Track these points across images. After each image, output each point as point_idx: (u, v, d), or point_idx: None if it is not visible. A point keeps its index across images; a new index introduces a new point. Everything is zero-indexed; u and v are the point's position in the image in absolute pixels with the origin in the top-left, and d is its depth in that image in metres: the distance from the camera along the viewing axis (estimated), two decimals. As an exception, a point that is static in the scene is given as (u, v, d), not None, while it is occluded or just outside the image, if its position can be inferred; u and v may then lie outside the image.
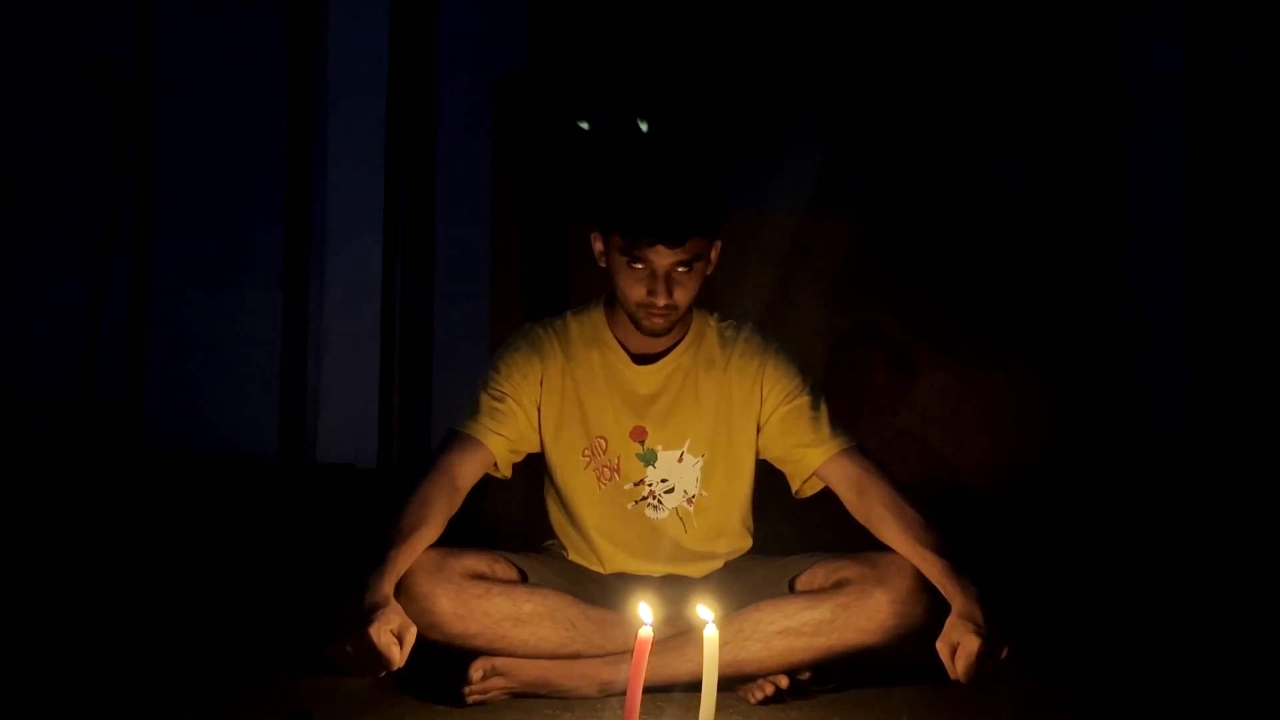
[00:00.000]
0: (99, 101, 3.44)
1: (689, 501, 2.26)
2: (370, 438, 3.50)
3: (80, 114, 3.45)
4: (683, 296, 2.14)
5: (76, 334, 3.33)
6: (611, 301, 2.26)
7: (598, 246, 2.19)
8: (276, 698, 2.07)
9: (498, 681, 2.06)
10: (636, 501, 2.26)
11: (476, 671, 2.04)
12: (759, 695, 2.06)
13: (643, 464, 2.25)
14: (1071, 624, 2.50)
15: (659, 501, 2.26)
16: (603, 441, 2.25)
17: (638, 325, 2.19)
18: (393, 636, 1.94)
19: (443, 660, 2.06)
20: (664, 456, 2.25)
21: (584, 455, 2.25)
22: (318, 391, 3.52)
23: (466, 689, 2.03)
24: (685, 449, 2.25)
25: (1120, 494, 3.26)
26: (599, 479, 2.26)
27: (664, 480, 2.25)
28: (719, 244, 2.19)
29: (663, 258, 2.10)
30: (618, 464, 2.25)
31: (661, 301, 2.13)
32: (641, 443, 2.25)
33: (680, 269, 2.12)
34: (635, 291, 2.14)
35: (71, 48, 3.45)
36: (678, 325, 2.22)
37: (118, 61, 3.46)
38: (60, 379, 3.31)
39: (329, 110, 3.54)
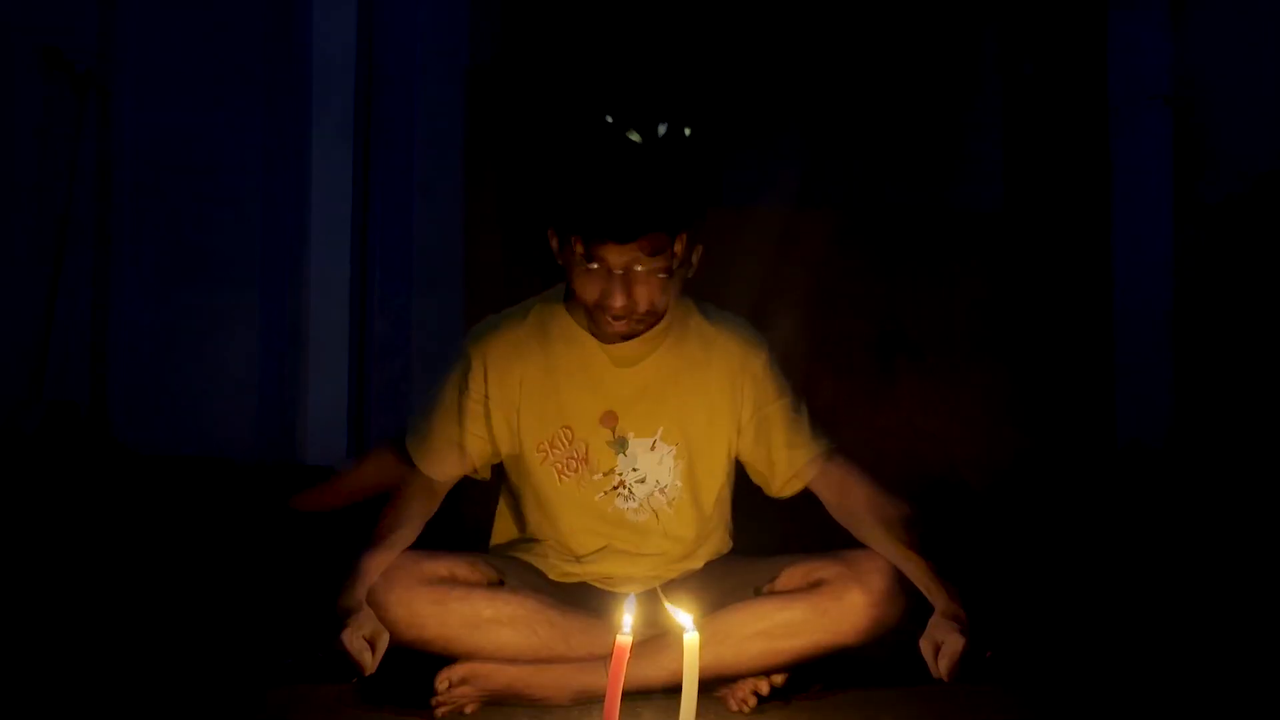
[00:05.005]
0: (53, 90, 3.37)
1: (662, 492, 2.21)
2: (348, 439, 3.48)
3: (35, 104, 3.38)
4: (644, 297, 2.06)
5: (36, 333, 3.27)
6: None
7: (554, 244, 2.10)
8: (250, 705, 2.05)
9: (475, 685, 2.03)
10: (606, 492, 2.20)
11: (455, 675, 2.01)
12: (738, 697, 2.04)
13: (614, 451, 2.19)
14: (1053, 628, 2.49)
15: (630, 492, 2.21)
16: (568, 431, 2.19)
17: (596, 331, 2.14)
18: (364, 642, 1.94)
19: (417, 666, 2.04)
20: (635, 444, 2.19)
21: (540, 450, 2.19)
22: (294, 392, 3.50)
23: (444, 688, 2.01)
24: (658, 437, 2.19)
25: (1101, 498, 3.26)
26: (560, 471, 2.19)
27: (635, 469, 2.20)
28: (699, 248, 2.11)
29: (617, 256, 2.02)
30: (585, 454, 2.19)
31: (618, 302, 2.05)
32: (612, 429, 2.19)
33: (639, 268, 2.03)
34: (589, 292, 2.07)
35: (27, 33, 3.37)
36: (653, 324, 2.16)
37: (78, 48, 3.39)
38: (16, 379, 3.26)
39: (304, 104, 3.51)
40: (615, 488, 2.20)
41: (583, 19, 3.68)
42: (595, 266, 2.04)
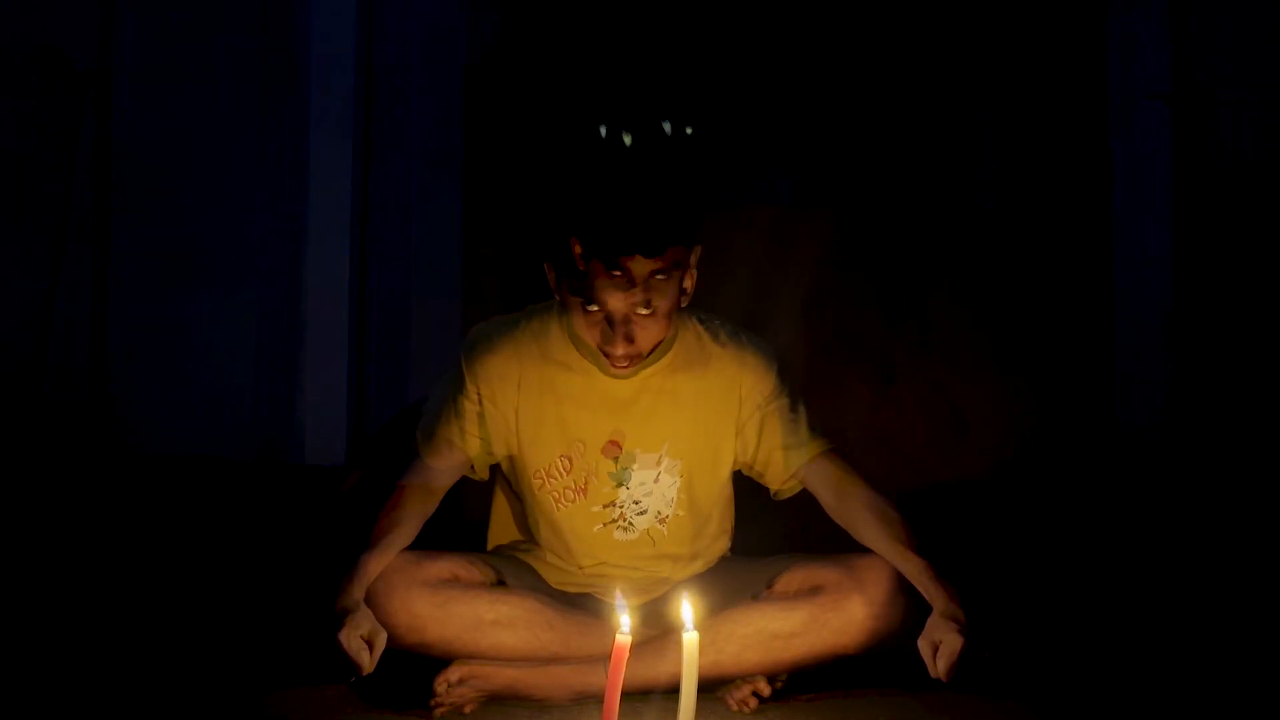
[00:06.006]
0: (53, 90, 3.36)
1: (661, 522, 2.21)
2: (346, 439, 3.47)
3: (35, 103, 3.38)
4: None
5: (35, 332, 3.27)
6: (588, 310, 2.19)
7: (576, 250, 2.04)
8: (247, 708, 2.05)
9: (473, 685, 2.02)
10: (605, 524, 2.20)
11: (454, 675, 2.01)
12: (737, 697, 2.03)
13: (615, 484, 2.19)
14: (1051, 627, 2.48)
15: (630, 524, 2.21)
16: (567, 461, 2.19)
17: (604, 358, 2.11)
18: (363, 642, 1.94)
19: (415, 667, 2.04)
20: (640, 471, 2.19)
21: (537, 477, 2.19)
22: (293, 392, 3.49)
23: (443, 690, 2.00)
24: (664, 452, 2.20)
25: (1100, 494, 3.25)
26: (557, 501, 2.20)
27: (637, 502, 2.20)
28: (699, 250, 2.09)
29: (641, 266, 2.00)
30: (584, 485, 2.19)
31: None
32: (615, 460, 2.18)
33: (659, 276, 2.02)
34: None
35: (27, 33, 3.36)
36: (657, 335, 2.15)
37: (78, 47, 3.38)
38: (16, 379, 3.26)
39: (302, 103, 3.50)
40: (614, 520, 2.21)
41: (581, 17, 3.67)
42: (619, 274, 2.01)
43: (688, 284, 2.10)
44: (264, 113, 3.52)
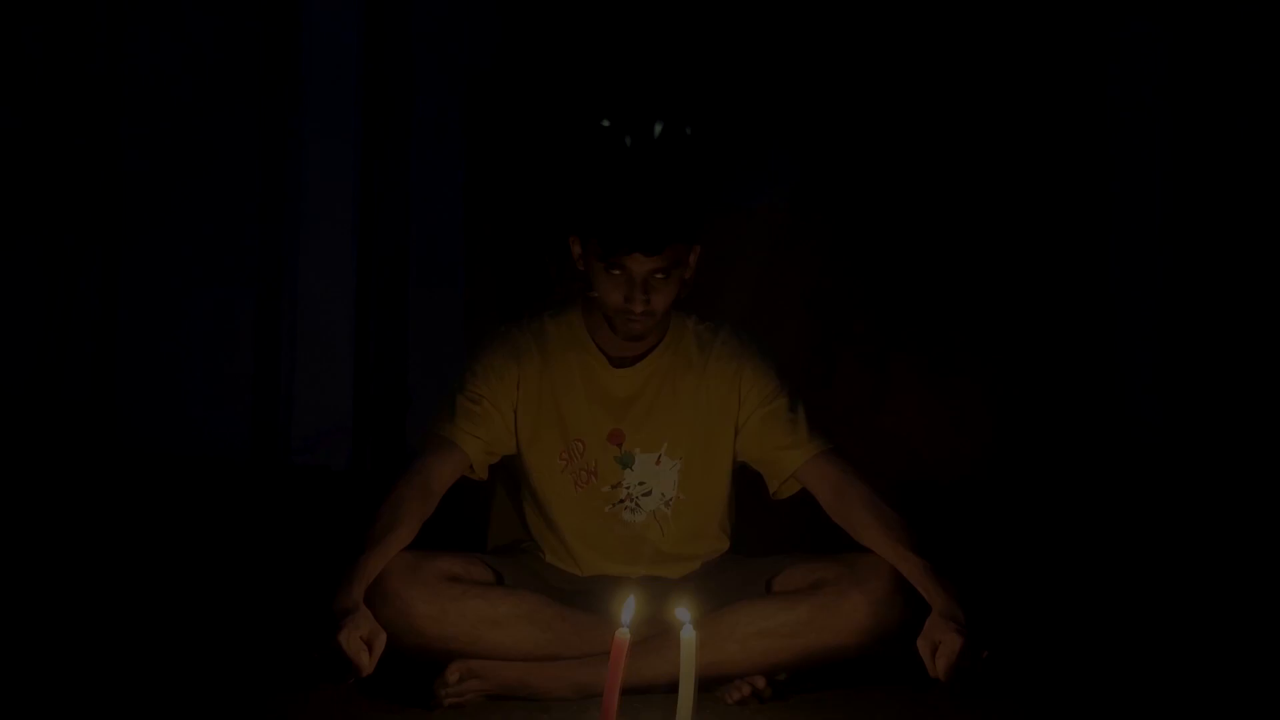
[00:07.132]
0: (54, 91, 3.38)
1: (667, 504, 2.24)
2: (345, 439, 3.48)
3: (37, 102, 3.39)
4: (660, 302, 2.12)
5: (38, 333, 3.29)
6: (589, 304, 2.23)
7: (575, 250, 2.15)
8: (245, 708, 2.05)
9: (473, 684, 2.03)
10: (614, 505, 2.23)
11: (453, 674, 2.02)
12: (736, 696, 2.04)
13: (620, 466, 2.23)
14: (1049, 627, 2.49)
15: (636, 504, 2.23)
16: (580, 444, 2.22)
17: (615, 330, 2.17)
18: (362, 643, 1.94)
19: (415, 667, 2.04)
20: (641, 459, 2.23)
21: (561, 459, 2.23)
22: (291, 392, 3.50)
23: (442, 691, 2.01)
24: (663, 451, 2.23)
25: (1098, 493, 3.26)
26: (576, 483, 2.23)
27: (641, 483, 2.23)
28: (697, 249, 2.15)
29: (640, 265, 2.06)
30: (595, 467, 2.22)
31: (639, 308, 2.10)
32: (619, 446, 2.22)
33: (658, 275, 2.08)
34: (613, 297, 2.12)
35: (27, 33, 3.38)
36: (655, 328, 2.20)
37: (80, 47, 3.40)
38: (19, 379, 3.27)
39: (303, 106, 3.51)
40: (621, 502, 2.23)
41: (582, 17, 3.68)
42: (618, 273, 2.09)
43: (687, 274, 2.15)
44: (264, 113, 3.52)
